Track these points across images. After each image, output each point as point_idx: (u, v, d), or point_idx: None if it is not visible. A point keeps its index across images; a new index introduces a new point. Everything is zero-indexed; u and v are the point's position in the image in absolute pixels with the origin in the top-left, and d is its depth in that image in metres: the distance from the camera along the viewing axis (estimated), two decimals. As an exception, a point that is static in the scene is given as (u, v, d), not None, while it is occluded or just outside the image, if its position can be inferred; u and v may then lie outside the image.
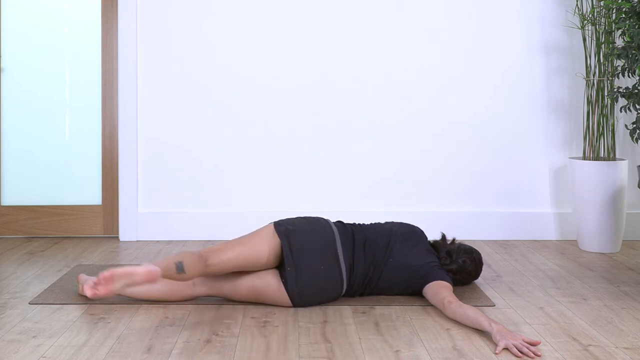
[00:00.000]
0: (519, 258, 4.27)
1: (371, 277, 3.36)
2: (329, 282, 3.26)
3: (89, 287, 3.05)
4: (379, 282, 3.37)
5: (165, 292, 3.33)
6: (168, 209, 4.74)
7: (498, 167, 4.77)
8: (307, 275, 3.22)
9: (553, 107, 4.76)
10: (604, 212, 4.39)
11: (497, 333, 2.84)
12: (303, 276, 3.22)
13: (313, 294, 3.25)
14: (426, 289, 3.32)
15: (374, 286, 3.38)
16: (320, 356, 2.72)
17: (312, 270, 3.23)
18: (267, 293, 3.27)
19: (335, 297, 3.33)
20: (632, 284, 3.71)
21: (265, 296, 3.28)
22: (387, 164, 4.75)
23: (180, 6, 4.69)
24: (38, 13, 4.76)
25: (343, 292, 3.33)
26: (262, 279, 3.27)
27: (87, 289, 3.07)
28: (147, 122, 4.72)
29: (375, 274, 3.36)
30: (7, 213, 4.78)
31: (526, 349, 2.74)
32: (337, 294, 3.32)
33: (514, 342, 2.77)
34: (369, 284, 3.37)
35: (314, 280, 3.23)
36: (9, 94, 4.78)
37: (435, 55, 4.73)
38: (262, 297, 3.28)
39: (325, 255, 3.26)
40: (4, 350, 2.76)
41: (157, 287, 3.34)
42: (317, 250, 3.25)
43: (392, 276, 3.37)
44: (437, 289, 3.25)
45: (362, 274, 3.34)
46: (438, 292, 3.22)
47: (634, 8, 4.03)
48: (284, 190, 4.74)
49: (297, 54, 4.72)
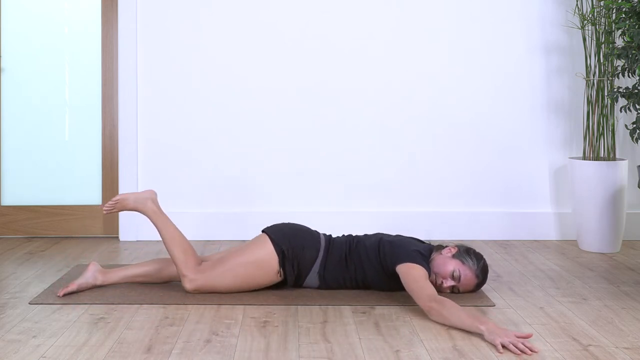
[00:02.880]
0: (519, 258, 4.27)
1: (347, 251, 3.51)
2: (307, 231, 3.53)
3: None
4: (358, 249, 3.50)
5: (155, 269, 3.58)
6: (168, 209, 4.74)
7: (498, 167, 4.77)
8: (289, 226, 3.52)
9: (553, 107, 4.76)
10: (604, 212, 4.39)
11: (489, 332, 2.84)
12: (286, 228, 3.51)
13: (293, 234, 3.45)
14: (400, 274, 3.30)
15: (352, 258, 3.49)
16: (320, 356, 2.72)
17: (294, 227, 3.52)
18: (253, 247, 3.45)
19: (315, 247, 3.46)
20: (632, 284, 3.71)
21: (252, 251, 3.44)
22: (387, 164, 4.75)
23: (181, 6, 4.69)
24: (38, 13, 4.76)
25: (321, 245, 3.48)
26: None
27: None
28: (147, 122, 4.72)
29: (352, 246, 3.52)
30: (7, 213, 4.78)
31: (522, 345, 2.75)
32: (316, 245, 3.47)
33: (509, 340, 2.77)
34: (348, 253, 3.50)
35: (294, 226, 3.52)
36: (9, 94, 4.78)
37: (436, 55, 4.73)
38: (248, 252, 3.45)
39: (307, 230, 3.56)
40: (4, 350, 2.76)
41: (148, 265, 3.59)
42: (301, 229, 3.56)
43: (364, 248, 3.49)
44: (409, 280, 3.21)
45: (339, 247, 3.51)
46: (414, 289, 3.16)
47: (634, 8, 4.03)
48: (284, 190, 4.74)
49: (297, 54, 4.72)
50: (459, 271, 3.37)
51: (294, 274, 3.46)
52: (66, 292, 3.42)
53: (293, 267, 3.45)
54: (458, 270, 3.37)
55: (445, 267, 3.38)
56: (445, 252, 3.43)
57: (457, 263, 3.39)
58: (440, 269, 3.39)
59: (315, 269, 3.49)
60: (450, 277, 3.38)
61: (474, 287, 3.45)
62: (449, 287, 3.40)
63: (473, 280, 3.41)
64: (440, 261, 3.40)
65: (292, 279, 3.46)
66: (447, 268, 3.38)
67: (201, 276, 3.41)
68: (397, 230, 4.73)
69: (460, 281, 3.39)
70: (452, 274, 3.37)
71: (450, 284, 3.38)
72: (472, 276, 3.40)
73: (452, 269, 3.37)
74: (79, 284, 3.47)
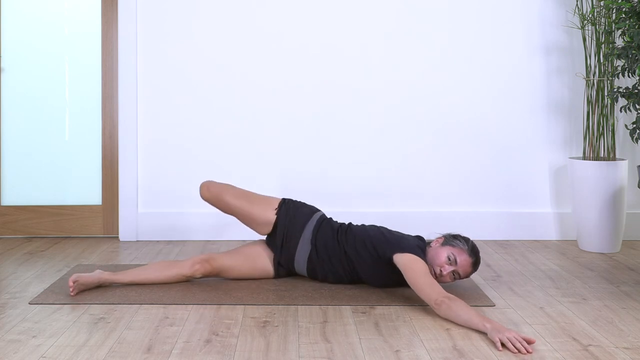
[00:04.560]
0: (519, 258, 4.27)
1: (339, 227, 3.69)
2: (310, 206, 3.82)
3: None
4: (350, 227, 3.66)
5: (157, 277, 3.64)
6: (168, 209, 4.74)
7: (498, 167, 4.77)
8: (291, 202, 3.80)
9: (553, 107, 4.76)
10: (604, 212, 4.39)
11: (493, 330, 2.86)
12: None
13: (300, 204, 3.77)
14: (399, 265, 3.38)
15: (344, 243, 3.62)
16: (320, 356, 2.72)
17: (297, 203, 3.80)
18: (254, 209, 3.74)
19: (311, 210, 3.74)
20: (632, 284, 3.71)
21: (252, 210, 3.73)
22: (388, 164, 4.75)
23: (180, 7, 4.69)
24: (38, 13, 4.76)
25: (317, 214, 3.74)
26: None
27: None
28: (147, 122, 4.72)
29: (344, 225, 3.70)
30: (7, 213, 4.78)
31: (519, 344, 2.77)
32: (313, 210, 3.76)
33: (508, 336, 2.80)
34: (339, 228, 3.68)
35: (297, 203, 3.80)
36: (9, 94, 4.78)
37: (436, 55, 4.73)
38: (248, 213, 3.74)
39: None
40: (4, 350, 2.76)
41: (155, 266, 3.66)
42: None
43: (355, 238, 3.60)
44: (413, 275, 3.27)
45: (331, 224, 3.71)
46: (421, 284, 3.21)
47: (634, 8, 4.03)
48: (284, 190, 4.74)
49: (297, 54, 4.72)
50: (453, 254, 3.43)
51: (286, 219, 3.70)
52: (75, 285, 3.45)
53: (287, 214, 3.71)
54: (452, 254, 3.43)
55: (439, 255, 3.44)
56: (434, 244, 3.51)
57: (448, 248, 3.46)
58: (434, 259, 3.45)
59: (307, 234, 3.66)
60: (447, 263, 3.42)
61: (471, 268, 3.49)
62: (450, 273, 3.43)
63: (468, 260, 3.46)
64: (433, 253, 3.47)
65: (283, 225, 3.69)
66: (441, 256, 3.44)
67: (215, 185, 3.76)
68: (397, 230, 4.74)
69: (458, 263, 3.44)
70: (448, 259, 3.43)
71: (450, 269, 3.42)
72: (466, 256, 3.45)
73: (446, 254, 3.43)
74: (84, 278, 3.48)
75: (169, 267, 3.63)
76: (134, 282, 3.58)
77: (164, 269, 3.63)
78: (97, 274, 3.52)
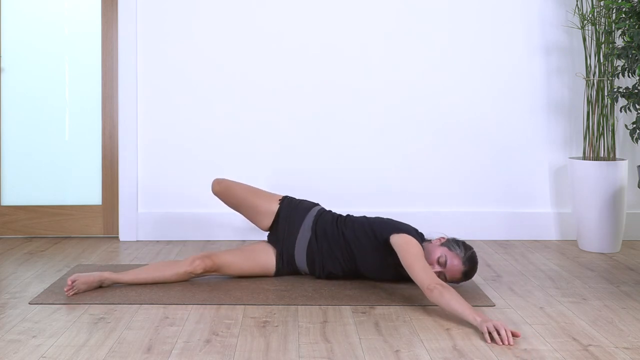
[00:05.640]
0: (519, 258, 4.27)
1: (337, 217, 3.76)
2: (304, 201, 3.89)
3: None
4: (346, 225, 3.70)
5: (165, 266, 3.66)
6: (168, 209, 4.74)
7: (498, 167, 4.77)
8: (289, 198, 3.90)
9: (553, 107, 4.76)
10: (604, 212, 4.39)
11: (482, 322, 2.91)
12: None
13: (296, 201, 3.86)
14: (395, 246, 3.42)
15: (344, 228, 3.68)
16: (320, 356, 2.72)
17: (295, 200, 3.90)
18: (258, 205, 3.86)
19: (312, 203, 3.84)
20: (632, 284, 3.71)
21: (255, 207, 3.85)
22: (388, 164, 4.75)
23: (180, 7, 4.69)
24: (38, 13, 4.76)
25: (318, 206, 3.83)
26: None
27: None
28: (147, 122, 4.72)
29: (341, 221, 3.74)
30: (7, 213, 4.78)
31: (503, 332, 2.82)
32: (314, 204, 3.85)
33: (494, 323, 2.85)
34: (338, 217, 3.76)
35: (298, 199, 3.91)
36: (9, 94, 4.78)
37: (436, 55, 4.73)
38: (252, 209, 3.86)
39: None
40: (4, 350, 2.76)
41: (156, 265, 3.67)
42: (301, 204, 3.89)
43: (354, 224, 3.68)
44: (408, 257, 3.30)
45: (331, 215, 3.79)
46: (415, 267, 3.24)
47: (634, 8, 4.03)
48: (284, 190, 4.73)
49: (297, 54, 4.72)
50: (445, 257, 3.42)
51: (288, 208, 3.78)
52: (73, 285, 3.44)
53: (290, 205, 3.81)
54: (445, 256, 3.42)
55: (433, 253, 3.45)
56: (435, 241, 3.52)
57: (445, 250, 3.46)
58: (427, 255, 3.46)
59: (308, 222, 3.73)
60: (437, 263, 3.43)
61: (460, 276, 3.47)
62: (435, 273, 3.41)
63: (459, 267, 3.43)
64: (429, 248, 3.48)
65: (285, 214, 3.77)
66: (434, 254, 3.45)
67: (226, 180, 3.92)
68: (397, 230, 4.74)
69: (447, 267, 3.42)
70: (438, 260, 3.42)
71: (437, 269, 3.41)
72: (458, 263, 3.43)
73: (439, 254, 3.43)
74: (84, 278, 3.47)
75: (169, 266, 3.63)
76: (135, 281, 3.58)
77: (165, 268, 3.63)
78: (98, 273, 3.52)
